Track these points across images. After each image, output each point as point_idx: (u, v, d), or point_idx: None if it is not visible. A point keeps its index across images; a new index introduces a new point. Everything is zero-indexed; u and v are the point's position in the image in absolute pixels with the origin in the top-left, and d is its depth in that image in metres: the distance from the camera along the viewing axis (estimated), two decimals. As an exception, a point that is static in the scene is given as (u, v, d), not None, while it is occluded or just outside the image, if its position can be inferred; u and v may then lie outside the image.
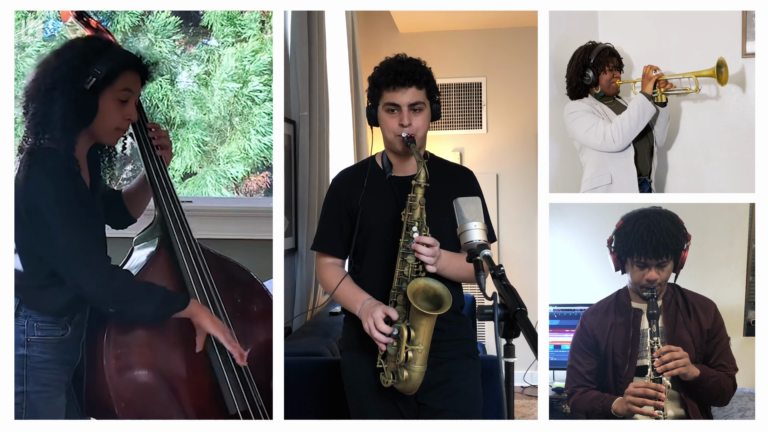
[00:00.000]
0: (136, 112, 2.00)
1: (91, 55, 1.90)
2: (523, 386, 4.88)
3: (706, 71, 2.52)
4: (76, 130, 1.91)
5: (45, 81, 1.89)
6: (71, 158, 1.88)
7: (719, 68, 2.47)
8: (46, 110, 1.87)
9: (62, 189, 1.83)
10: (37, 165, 1.84)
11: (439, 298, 1.95)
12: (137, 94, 2.01)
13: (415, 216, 2.00)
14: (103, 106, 1.92)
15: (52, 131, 1.86)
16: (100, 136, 1.98)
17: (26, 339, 1.90)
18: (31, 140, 1.89)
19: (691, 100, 2.68)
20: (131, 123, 2.01)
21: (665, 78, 2.57)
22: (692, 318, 2.25)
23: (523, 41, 4.83)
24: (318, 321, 3.50)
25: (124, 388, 1.93)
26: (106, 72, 1.89)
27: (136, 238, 2.15)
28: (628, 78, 2.71)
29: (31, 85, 1.92)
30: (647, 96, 2.55)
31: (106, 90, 1.91)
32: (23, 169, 1.86)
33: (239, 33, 3.77)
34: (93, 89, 1.89)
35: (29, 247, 1.90)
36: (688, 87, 2.57)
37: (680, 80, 2.58)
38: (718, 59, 2.47)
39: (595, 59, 2.63)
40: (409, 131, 2.05)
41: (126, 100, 1.95)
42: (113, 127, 1.96)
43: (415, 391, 2.00)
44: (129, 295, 1.89)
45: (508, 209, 5.18)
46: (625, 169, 2.60)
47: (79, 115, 1.89)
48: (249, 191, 3.85)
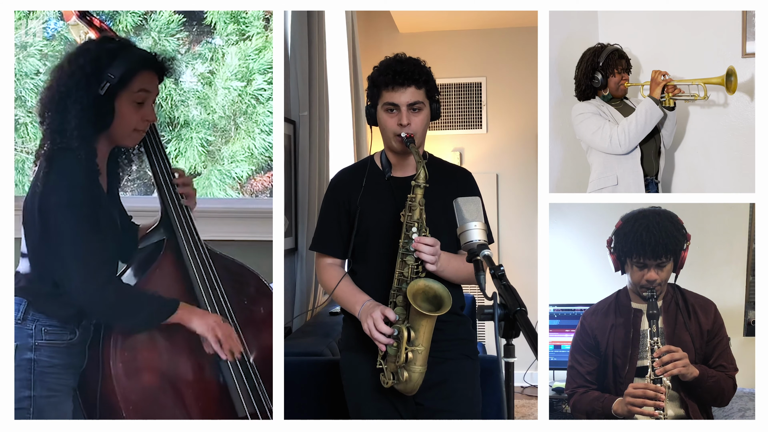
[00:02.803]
0: (153, 112, 1.98)
1: (104, 59, 1.88)
2: (523, 386, 4.88)
3: (715, 79, 2.51)
4: (95, 136, 1.89)
5: (59, 88, 1.88)
6: (93, 164, 1.87)
7: (729, 77, 2.45)
8: (62, 118, 1.86)
9: (78, 193, 1.82)
10: (56, 169, 1.83)
11: (439, 299, 1.95)
12: (155, 93, 1.98)
13: (415, 216, 2.00)
14: (120, 110, 1.90)
15: (69, 138, 1.84)
16: (119, 139, 1.96)
17: (34, 343, 1.88)
18: (48, 146, 1.88)
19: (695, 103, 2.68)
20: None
21: (674, 83, 2.56)
22: (692, 319, 2.24)
23: (523, 41, 4.83)
24: (318, 321, 3.50)
25: (131, 392, 1.90)
26: (121, 75, 1.87)
27: (141, 240, 2.11)
28: (635, 80, 2.71)
29: (46, 92, 1.91)
30: (655, 100, 2.55)
31: (122, 93, 1.89)
32: (42, 174, 1.84)
33: (243, 31, 3.75)
34: (108, 93, 1.87)
35: (38, 251, 1.89)
36: (697, 93, 2.56)
37: (689, 86, 2.58)
38: (728, 68, 2.45)
39: (604, 62, 2.62)
40: (408, 131, 2.05)
41: (143, 102, 1.93)
42: (131, 129, 1.94)
43: (415, 391, 2.00)
44: (118, 308, 1.88)
45: (508, 209, 5.18)
46: (632, 170, 2.60)
47: (96, 121, 1.88)
48: (254, 191, 3.83)
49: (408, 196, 2.02)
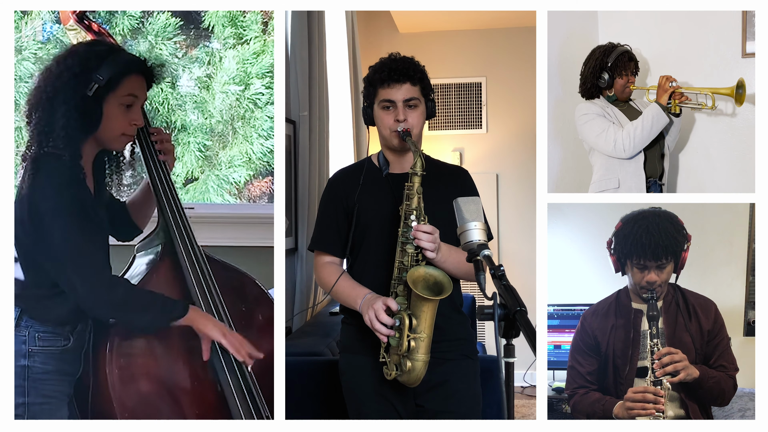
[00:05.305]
0: (142, 117, 1.97)
1: (93, 61, 1.87)
2: (523, 386, 4.88)
3: (724, 89, 2.48)
4: (81, 138, 1.88)
5: (47, 89, 1.87)
6: (77, 166, 1.86)
7: (738, 89, 2.44)
8: (49, 118, 1.85)
9: (66, 197, 1.81)
10: (42, 173, 1.81)
11: (440, 285, 1.95)
12: (143, 99, 1.97)
13: (413, 205, 2.00)
14: (107, 112, 1.89)
15: (55, 140, 1.83)
16: (106, 143, 1.95)
17: (27, 349, 1.86)
18: (34, 148, 1.86)
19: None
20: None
21: (681, 91, 2.54)
22: (692, 319, 2.24)
23: (523, 41, 4.83)
24: (318, 321, 3.50)
25: (128, 398, 1.89)
26: (109, 77, 1.86)
27: (137, 245, 2.11)
28: (641, 83, 2.70)
29: (33, 92, 1.90)
30: (662, 107, 2.53)
31: (110, 96, 1.88)
32: (28, 177, 1.83)
33: (241, 35, 3.74)
34: (96, 95, 1.86)
35: (31, 255, 1.88)
36: (704, 102, 2.54)
37: (696, 95, 2.56)
38: (738, 80, 2.43)
39: (612, 63, 2.60)
40: (404, 126, 2.06)
41: (131, 105, 1.92)
42: (119, 133, 1.93)
43: (418, 382, 1.98)
44: (128, 306, 1.86)
45: (508, 209, 5.18)
46: (634, 173, 2.58)
47: (83, 122, 1.86)
48: (252, 197, 3.82)
49: (405, 184, 2.02)
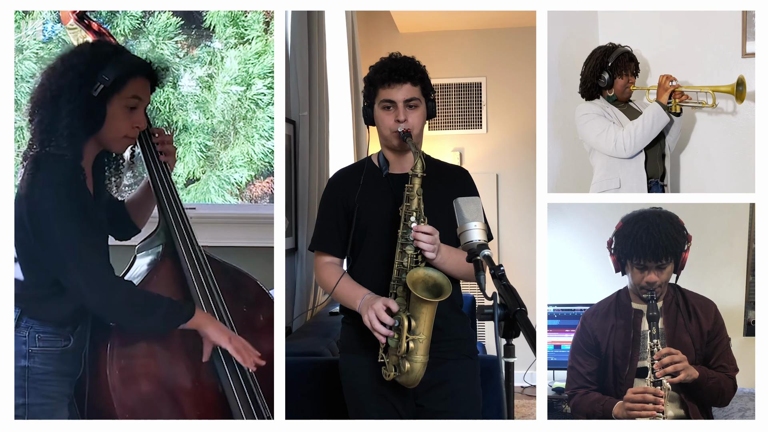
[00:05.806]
0: (145, 119, 1.96)
1: (98, 61, 1.86)
2: (523, 386, 4.88)
3: (724, 87, 2.48)
4: (84, 138, 1.87)
5: (51, 87, 1.86)
6: (78, 167, 1.85)
7: (738, 86, 2.44)
8: (52, 117, 1.83)
9: (66, 198, 1.80)
10: (42, 173, 1.80)
11: (439, 287, 1.95)
12: (146, 101, 1.96)
13: (413, 206, 2.00)
14: (111, 114, 1.87)
15: (58, 139, 1.82)
16: (107, 144, 1.94)
17: (27, 350, 1.86)
18: (36, 147, 1.85)
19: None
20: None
21: (681, 89, 2.54)
22: (692, 319, 2.24)
23: (523, 41, 4.83)
24: (318, 321, 3.50)
25: (128, 399, 1.89)
26: (114, 78, 1.85)
27: (138, 246, 2.11)
28: (641, 83, 2.70)
29: (37, 91, 1.89)
30: (662, 106, 2.53)
31: (114, 97, 1.87)
32: (27, 176, 1.82)
33: (242, 35, 3.73)
34: (100, 96, 1.85)
35: (31, 256, 1.87)
36: (705, 101, 2.54)
37: (696, 93, 2.56)
38: (739, 77, 2.43)
39: (613, 63, 2.60)
40: (405, 126, 2.06)
41: (135, 107, 1.91)
42: (121, 135, 1.92)
43: (417, 383, 1.99)
44: (132, 309, 1.85)
45: (508, 209, 5.18)
46: (635, 174, 2.58)
47: (86, 122, 1.85)
48: (253, 197, 3.81)
49: (405, 186, 2.02)
